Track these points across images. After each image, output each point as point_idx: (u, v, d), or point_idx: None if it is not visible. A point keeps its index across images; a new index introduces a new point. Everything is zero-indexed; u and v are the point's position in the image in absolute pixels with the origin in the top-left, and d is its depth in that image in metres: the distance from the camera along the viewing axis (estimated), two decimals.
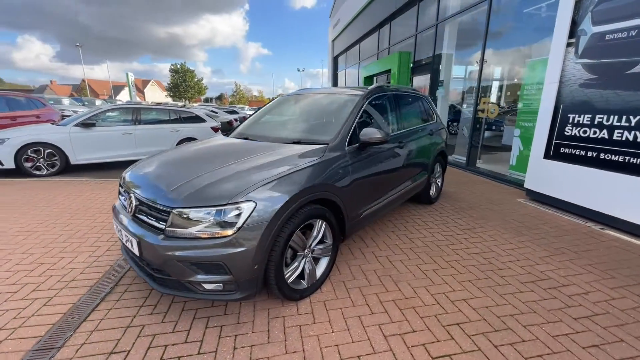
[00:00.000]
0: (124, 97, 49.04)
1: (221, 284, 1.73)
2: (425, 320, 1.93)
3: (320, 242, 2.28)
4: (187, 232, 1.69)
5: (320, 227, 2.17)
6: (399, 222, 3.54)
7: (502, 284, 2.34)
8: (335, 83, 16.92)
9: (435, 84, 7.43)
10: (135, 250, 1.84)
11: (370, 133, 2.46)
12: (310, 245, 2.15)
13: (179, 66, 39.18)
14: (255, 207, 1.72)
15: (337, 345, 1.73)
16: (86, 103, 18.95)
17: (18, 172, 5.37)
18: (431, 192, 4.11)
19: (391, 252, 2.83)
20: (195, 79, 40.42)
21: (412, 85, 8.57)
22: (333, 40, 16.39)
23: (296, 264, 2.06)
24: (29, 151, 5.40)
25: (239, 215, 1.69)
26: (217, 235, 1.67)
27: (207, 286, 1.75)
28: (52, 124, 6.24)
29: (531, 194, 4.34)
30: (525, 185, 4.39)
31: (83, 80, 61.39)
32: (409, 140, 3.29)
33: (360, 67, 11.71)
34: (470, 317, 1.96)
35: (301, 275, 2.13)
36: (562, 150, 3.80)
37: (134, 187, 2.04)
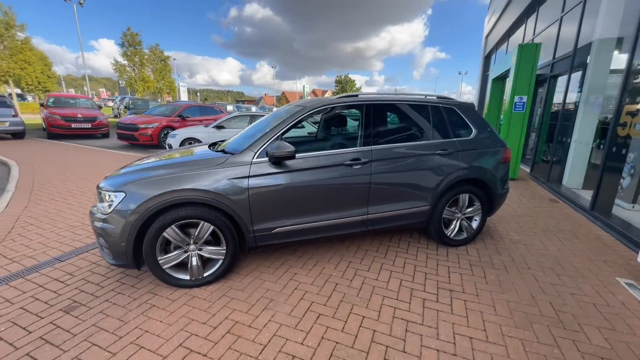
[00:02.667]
0: None
1: (109, 250, 2.31)
2: (216, 351, 1.77)
3: (215, 244, 2.45)
4: (96, 206, 2.37)
5: (205, 230, 2.35)
6: (372, 255, 2.97)
7: None
8: (483, 86, 14.20)
9: (575, 86, 5.05)
10: None
11: (277, 147, 2.36)
12: (197, 243, 2.38)
13: (342, 77, 44.71)
14: (124, 197, 2.19)
15: (146, 332, 1.94)
16: (267, 110, 25.05)
17: None
18: (448, 231, 3.11)
19: (306, 282, 2.52)
20: (355, 88, 44.81)
21: (534, 90, 6.22)
22: (486, 37, 13.76)
23: (173, 254, 2.35)
24: (187, 142, 8.11)
25: (113, 201, 2.21)
26: (103, 212, 2.26)
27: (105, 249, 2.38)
28: (204, 126, 8.98)
29: None
30: None
31: (283, 93, 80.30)
32: (383, 158, 2.71)
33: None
34: None
35: (186, 267, 2.40)
36: None
37: None
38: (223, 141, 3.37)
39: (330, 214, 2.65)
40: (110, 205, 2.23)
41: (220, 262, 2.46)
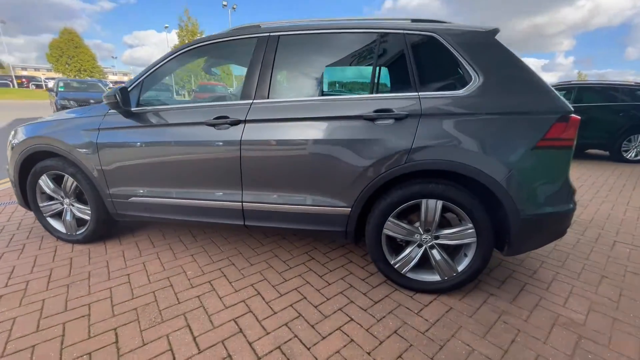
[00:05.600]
0: None
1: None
2: None
3: (85, 203, 2.25)
4: None
5: (70, 184, 2.20)
6: (274, 266, 2.04)
7: None
8: None
9: None
10: None
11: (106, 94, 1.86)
12: (70, 197, 2.25)
13: None
14: (14, 135, 2.26)
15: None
16: None
17: None
18: (397, 260, 1.74)
19: (153, 271, 1.95)
20: None
21: None
22: None
23: (51, 203, 2.30)
24: None
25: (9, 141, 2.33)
26: None
27: None
28: None
29: None
30: None
31: None
32: (264, 119, 1.73)
33: None
34: None
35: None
36: None
37: None
38: None
39: (195, 191, 1.94)
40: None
41: (89, 221, 2.25)
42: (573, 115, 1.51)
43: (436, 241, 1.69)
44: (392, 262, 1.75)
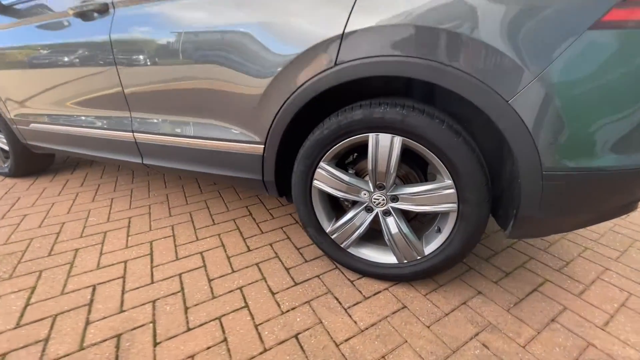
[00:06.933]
0: None
1: None
2: None
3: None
4: None
5: None
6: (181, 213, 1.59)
7: None
8: None
9: None
10: None
11: None
12: None
13: None
14: None
15: None
16: None
17: None
18: (334, 229, 1.15)
19: (60, 213, 1.62)
20: None
21: None
22: None
23: None
24: None
25: None
26: None
27: None
28: None
29: None
30: None
31: None
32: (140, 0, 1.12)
33: None
34: None
35: None
36: None
37: None
38: None
39: (83, 116, 1.48)
40: None
41: (9, 155, 1.98)
42: None
43: (393, 204, 1.05)
44: (327, 230, 1.17)
